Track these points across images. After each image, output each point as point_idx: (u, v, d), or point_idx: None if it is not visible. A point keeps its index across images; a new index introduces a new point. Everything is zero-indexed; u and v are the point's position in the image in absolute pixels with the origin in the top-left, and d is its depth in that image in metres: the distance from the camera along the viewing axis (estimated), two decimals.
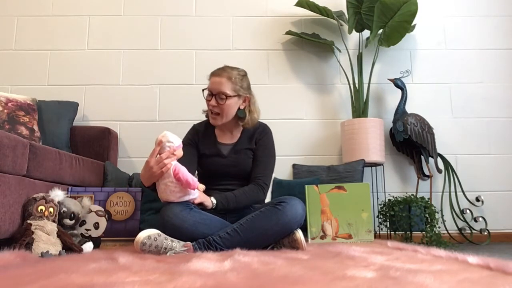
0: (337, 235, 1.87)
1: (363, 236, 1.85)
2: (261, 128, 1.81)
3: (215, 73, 1.72)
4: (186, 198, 1.48)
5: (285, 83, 2.76)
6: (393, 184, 2.65)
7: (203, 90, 1.77)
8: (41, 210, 1.48)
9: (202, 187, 1.55)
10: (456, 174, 2.58)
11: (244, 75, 1.77)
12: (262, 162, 1.73)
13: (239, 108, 1.75)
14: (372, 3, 2.48)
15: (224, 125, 1.78)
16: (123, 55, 2.74)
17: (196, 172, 1.81)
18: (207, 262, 1.04)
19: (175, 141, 1.46)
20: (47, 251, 1.33)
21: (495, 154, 2.69)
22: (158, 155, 1.45)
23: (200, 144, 1.78)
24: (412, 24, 2.60)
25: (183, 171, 1.44)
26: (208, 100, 1.72)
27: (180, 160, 1.52)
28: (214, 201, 1.57)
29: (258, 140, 1.77)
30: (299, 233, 1.49)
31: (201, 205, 1.55)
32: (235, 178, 1.73)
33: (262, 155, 1.74)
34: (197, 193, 1.50)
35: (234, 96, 1.70)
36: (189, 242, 1.40)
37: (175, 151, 1.46)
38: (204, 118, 1.88)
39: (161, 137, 1.46)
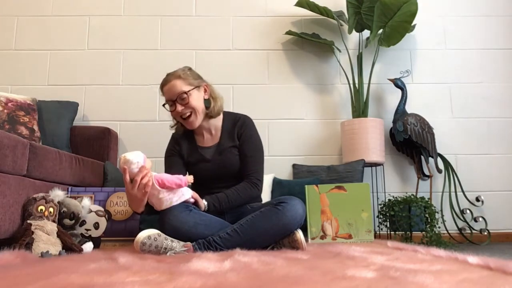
0: (337, 235, 1.87)
1: (363, 236, 1.85)
2: (241, 121, 1.74)
3: (164, 83, 1.68)
4: (184, 198, 1.48)
5: (285, 83, 2.75)
6: (393, 184, 2.65)
7: (163, 105, 1.70)
8: (41, 210, 1.48)
9: (190, 178, 1.51)
10: (456, 174, 2.58)
11: (189, 69, 1.72)
12: (250, 157, 1.68)
13: (204, 99, 1.70)
14: (372, 3, 2.48)
15: (200, 127, 1.73)
16: (123, 55, 2.74)
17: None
18: (207, 262, 1.04)
19: (139, 159, 1.40)
20: (47, 251, 1.33)
21: (495, 154, 2.69)
22: (132, 180, 1.40)
23: (183, 152, 1.74)
24: (412, 24, 2.60)
25: (167, 178, 1.43)
26: (173, 111, 1.66)
27: (169, 172, 1.52)
28: (205, 202, 1.56)
29: (240, 134, 1.71)
30: (299, 233, 1.49)
31: (195, 205, 1.55)
32: (226, 179, 1.68)
33: (248, 149, 1.69)
34: (190, 190, 1.50)
35: (193, 89, 1.65)
36: (189, 243, 1.39)
37: (144, 167, 1.40)
38: None
39: (122, 164, 1.39)
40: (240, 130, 1.72)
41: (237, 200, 1.61)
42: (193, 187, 1.76)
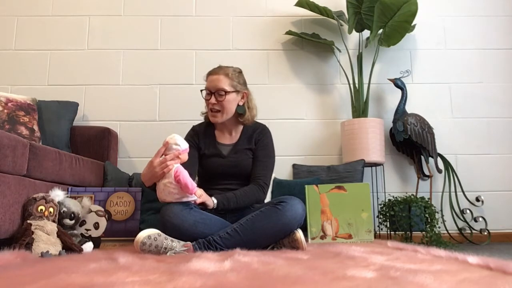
0: (337, 235, 1.87)
1: (363, 236, 1.85)
2: (260, 129, 1.83)
3: (212, 72, 1.75)
4: (185, 199, 1.48)
5: (285, 83, 2.75)
6: (393, 184, 2.65)
7: (201, 90, 1.79)
8: (41, 210, 1.48)
9: (199, 193, 1.56)
10: (456, 174, 2.58)
11: (239, 72, 1.80)
12: (262, 162, 1.74)
13: (238, 105, 1.77)
14: (372, 3, 2.48)
15: (224, 125, 1.80)
16: (123, 55, 2.74)
17: (196, 177, 1.81)
18: (207, 262, 1.04)
19: (182, 145, 1.49)
20: (47, 251, 1.33)
21: (495, 154, 2.69)
22: (163, 156, 1.47)
23: (200, 145, 1.79)
24: (412, 24, 2.60)
25: (184, 175, 1.45)
26: (207, 100, 1.74)
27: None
28: (215, 200, 1.58)
29: (258, 140, 1.79)
30: (299, 233, 1.49)
31: (202, 205, 1.56)
32: (235, 178, 1.73)
33: (261, 155, 1.76)
34: (194, 198, 1.51)
35: (233, 92, 1.73)
36: (189, 242, 1.40)
37: (181, 154, 1.48)
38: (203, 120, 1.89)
39: (168, 139, 1.49)
40: (258, 136, 1.80)
41: (245, 201, 1.64)
42: (201, 180, 1.79)
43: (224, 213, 1.63)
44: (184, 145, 1.51)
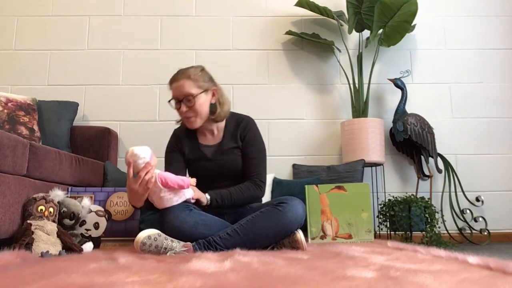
0: (337, 235, 1.87)
1: (363, 236, 1.85)
2: (244, 122, 1.73)
3: (173, 79, 1.65)
4: (184, 198, 1.47)
5: (285, 83, 2.75)
6: (393, 184, 2.65)
7: (169, 101, 1.69)
8: (41, 210, 1.48)
9: (193, 181, 1.51)
10: (456, 174, 2.58)
11: (202, 69, 1.69)
12: (254, 159, 1.67)
13: (211, 103, 1.69)
14: (372, 3, 2.48)
15: (203, 126, 1.72)
16: (123, 55, 2.74)
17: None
18: (207, 262, 1.04)
19: (146, 155, 1.38)
20: (47, 251, 1.33)
21: (495, 154, 2.69)
22: (135, 174, 1.39)
23: (184, 149, 1.73)
24: (412, 24, 2.60)
25: (170, 177, 1.42)
26: (177, 109, 1.66)
27: (169, 169, 1.50)
28: (209, 197, 1.55)
29: (244, 136, 1.70)
30: (300, 234, 1.49)
31: (197, 202, 1.54)
32: (227, 179, 1.68)
33: (251, 151, 1.68)
34: (191, 191, 1.49)
35: (201, 93, 1.63)
36: (189, 243, 1.39)
37: (150, 164, 1.39)
38: None
39: (128, 157, 1.37)
40: (243, 132, 1.71)
41: (240, 199, 1.61)
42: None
43: (224, 213, 1.63)
44: (148, 153, 1.39)
